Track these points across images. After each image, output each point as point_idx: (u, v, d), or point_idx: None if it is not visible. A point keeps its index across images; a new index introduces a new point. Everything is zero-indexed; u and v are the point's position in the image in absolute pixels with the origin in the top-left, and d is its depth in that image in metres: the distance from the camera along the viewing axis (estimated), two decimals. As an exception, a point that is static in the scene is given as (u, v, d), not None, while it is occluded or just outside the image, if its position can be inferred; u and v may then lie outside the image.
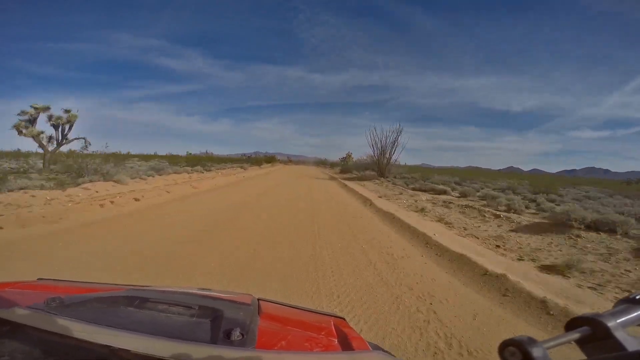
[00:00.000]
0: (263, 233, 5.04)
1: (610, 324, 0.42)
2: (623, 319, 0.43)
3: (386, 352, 0.70)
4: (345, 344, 0.70)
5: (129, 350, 0.49)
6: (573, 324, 0.44)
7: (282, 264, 3.60)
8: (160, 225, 5.23)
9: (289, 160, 67.72)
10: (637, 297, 0.46)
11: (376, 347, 0.75)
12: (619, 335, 0.41)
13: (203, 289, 0.94)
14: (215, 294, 0.88)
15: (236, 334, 0.60)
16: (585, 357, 0.43)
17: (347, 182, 17.69)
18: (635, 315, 0.44)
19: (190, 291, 0.86)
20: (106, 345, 0.50)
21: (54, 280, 0.96)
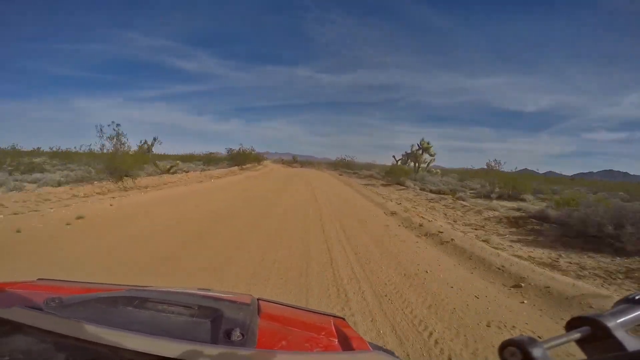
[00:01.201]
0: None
1: (610, 324, 0.43)
2: (623, 319, 0.44)
3: (387, 351, 0.71)
4: (346, 344, 0.72)
5: (130, 350, 0.50)
6: (573, 324, 0.45)
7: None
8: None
9: (294, 161, 50.64)
10: (637, 297, 0.47)
11: (377, 347, 0.76)
12: (619, 335, 0.42)
13: (203, 289, 0.95)
14: (214, 294, 0.89)
15: (236, 334, 0.61)
16: (585, 357, 0.44)
17: None
18: (635, 315, 0.45)
19: (190, 291, 0.87)
20: (107, 345, 0.51)
21: (53, 280, 0.98)
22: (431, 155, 21.10)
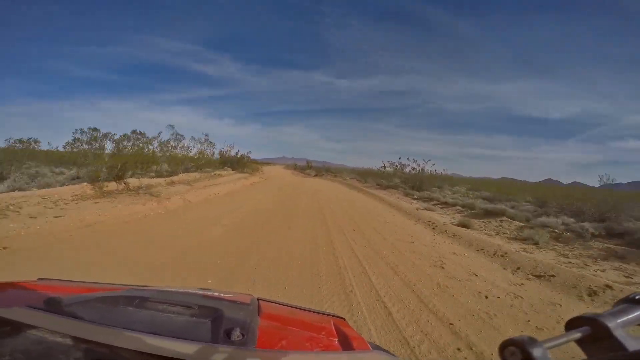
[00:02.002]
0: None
1: (611, 324, 0.43)
2: (623, 319, 0.44)
3: (387, 352, 0.72)
4: (346, 344, 0.73)
5: (129, 350, 0.51)
6: (573, 324, 0.45)
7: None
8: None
9: (308, 167, 41.23)
10: (637, 297, 0.47)
11: (376, 347, 0.76)
12: (619, 335, 0.42)
13: (203, 289, 0.97)
14: (215, 293, 0.91)
15: (236, 334, 0.62)
16: (586, 357, 0.43)
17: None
18: (635, 315, 0.45)
19: (190, 291, 0.89)
20: (107, 345, 0.52)
21: (54, 280, 1.00)
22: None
